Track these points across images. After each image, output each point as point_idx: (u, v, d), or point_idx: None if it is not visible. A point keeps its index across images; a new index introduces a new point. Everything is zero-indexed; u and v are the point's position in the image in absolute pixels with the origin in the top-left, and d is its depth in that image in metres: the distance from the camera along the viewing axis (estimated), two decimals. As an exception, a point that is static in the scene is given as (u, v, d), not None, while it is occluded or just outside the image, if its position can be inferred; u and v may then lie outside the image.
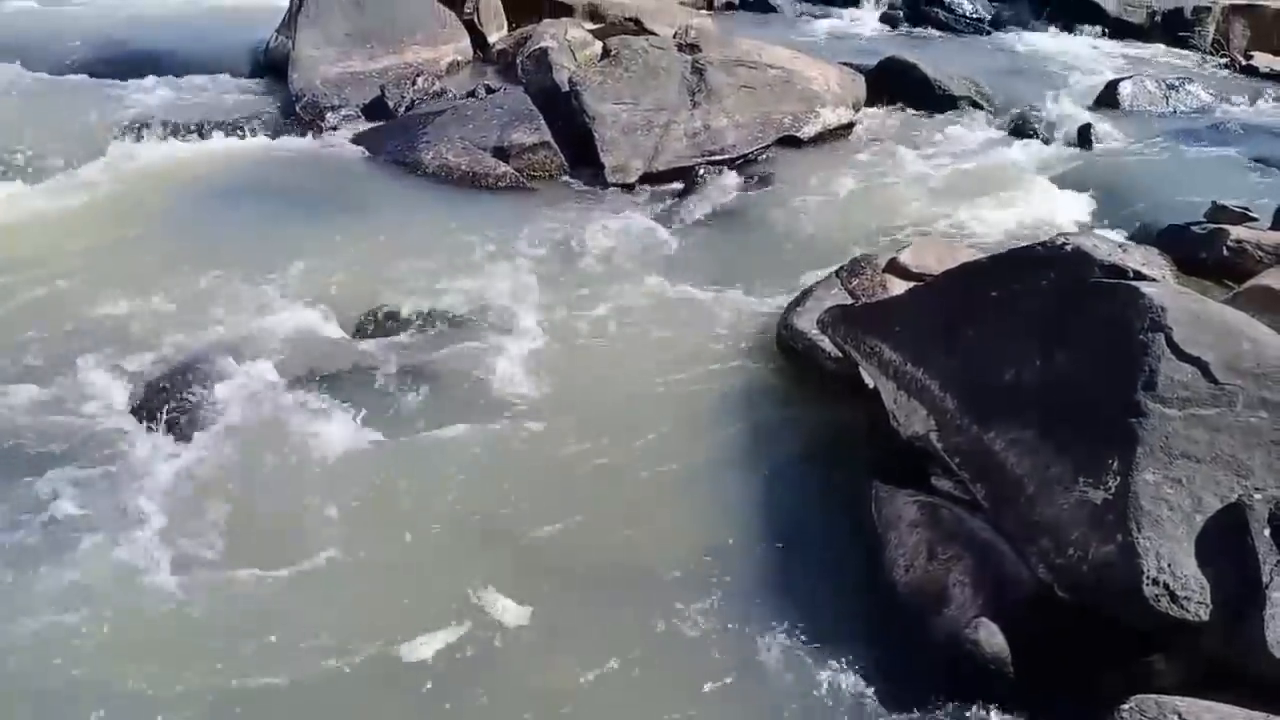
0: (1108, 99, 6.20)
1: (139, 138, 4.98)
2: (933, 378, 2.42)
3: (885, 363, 2.62)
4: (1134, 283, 2.06)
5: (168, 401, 2.82)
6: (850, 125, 5.60)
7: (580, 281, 3.82)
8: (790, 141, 5.30)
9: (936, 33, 8.42)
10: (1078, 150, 5.43)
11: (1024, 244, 2.78)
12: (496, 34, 6.45)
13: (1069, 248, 2.20)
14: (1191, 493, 1.91)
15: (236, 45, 6.20)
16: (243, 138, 5.09)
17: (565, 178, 4.90)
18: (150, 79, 5.74)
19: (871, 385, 2.80)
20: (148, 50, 6.22)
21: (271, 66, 5.85)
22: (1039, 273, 2.23)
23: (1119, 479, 1.91)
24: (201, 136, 5.06)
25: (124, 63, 6.00)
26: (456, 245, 4.02)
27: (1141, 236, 4.18)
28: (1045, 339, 2.14)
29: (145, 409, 2.82)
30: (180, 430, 2.73)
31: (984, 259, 2.61)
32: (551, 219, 4.39)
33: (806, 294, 3.43)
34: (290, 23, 5.80)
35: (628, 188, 4.80)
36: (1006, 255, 2.50)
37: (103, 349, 3.10)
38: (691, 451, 2.84)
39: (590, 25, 6.37)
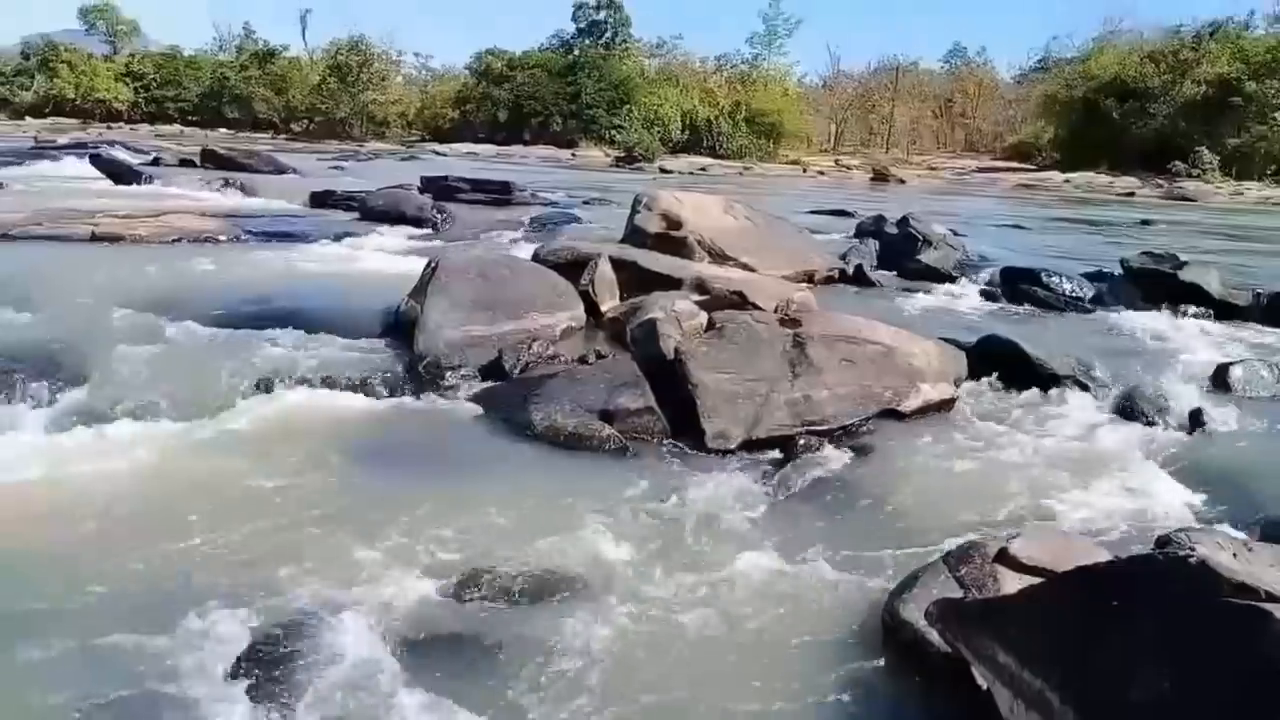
0: (1218, 382, 6.12)
1: (270, 389, 5.32)
2: (1052, 690, 2.28)
3: (1000, 667, 2.50)
4: (1266, 605, 1.96)
5: (264, 663, 2.85)
6: (951, 401, 5.65)
7: (677, 551, 3.81)
8: (891, 415, 5.35)
9: (1035, 310, 8.60)
10: (1189, 435, 5.32)
11: (1144, 549, 2.69)
12: (609, 303, 6.86)
13: (1193, 560, 2.12)
14: None
15: (369, 308, 6.70)
16: (366, 394, 5.40)
17: (667, 442, 5.01)
18: (287, 333, 6.17)
19: (986, 687, 2.65)
20: (288, 308, 6.77)
21: (399, 328, 6.28)
22: (1162, 586, 2.14)
23: (1268, 827, 1.73)
24: (328, 390, 5.40)
25: (265, 318, 6.50)
26: (559, 507, 4.09)
27: (1264, 531, 4.00)
28: (1173, 660, 2.02)
29: (241, 669, 2.84)
30: (273, 696, 2.73)
31: (1103, 564, 2.52)
32: (652, 483, 4.45)
33: (913, 579, 3.33)
34: (421, 290, 6.30)
35: (728, 454, 4.86)
36: (1126, 564, 2.41)
37: (206, 600, 3.17)
38: (790, 748, 2.70)
39: (697, 298, 6.72)
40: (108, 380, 5.26)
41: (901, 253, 10.39)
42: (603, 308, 6.82)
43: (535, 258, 7.51)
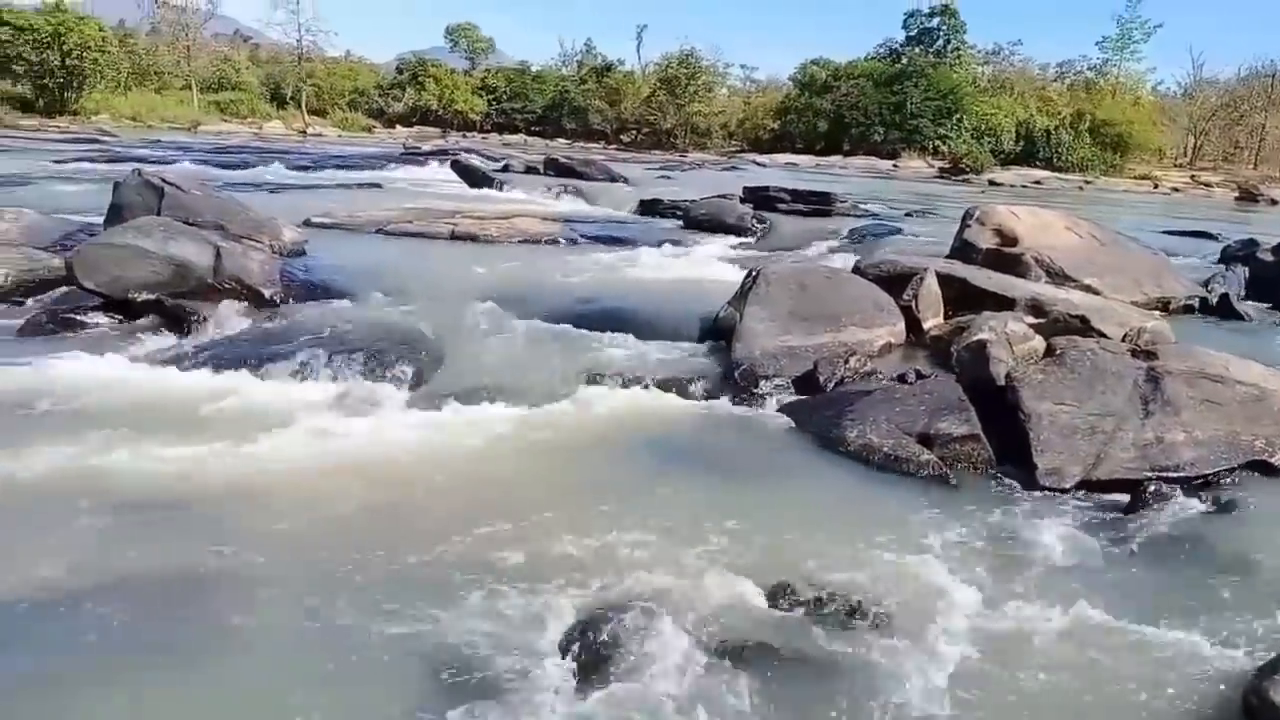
0: None
1: (599, 384, 5.64)
2: None
3: None
4: None
5: (585, 644, 3.00)
6: (1341, 458, 4.84)
7: (1003, 595, 3.53)
8: (1262, 468, 4.67)
9: None
10: None
11: None
12: (932, 320, 6.57)
13: None
14: None
15: (689, 313, 6.89)
16: (684, 396, 5.58)
17: (991, 473, 4.70)
18: (615, 334, 6.53)
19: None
20: (615, 309, 7.15)
21: (717, 334, 6.42)
22: None
23: None
24: (649, 390, 5.62)
25: (594, 317, 6.92)
26: (872, 530, 3.95)
27: None
28: None
29: (566, 647, 3.00)
30: (591, 675, 2.87)
31: None
32: (974, 517, 4.20)
33: (1285, 661, 2.89)
34: (741, 298, 6.38)
35: (1061, 493, 4.47)
36: None
37: (533, 580, 3.39)
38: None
39: (1031, 320, 6.27)
40: (458, 366, 5.80)
41: (1278, 283, 9.09)
42: (925, 325, 6.54)
43: (855, 270, 7.36)
